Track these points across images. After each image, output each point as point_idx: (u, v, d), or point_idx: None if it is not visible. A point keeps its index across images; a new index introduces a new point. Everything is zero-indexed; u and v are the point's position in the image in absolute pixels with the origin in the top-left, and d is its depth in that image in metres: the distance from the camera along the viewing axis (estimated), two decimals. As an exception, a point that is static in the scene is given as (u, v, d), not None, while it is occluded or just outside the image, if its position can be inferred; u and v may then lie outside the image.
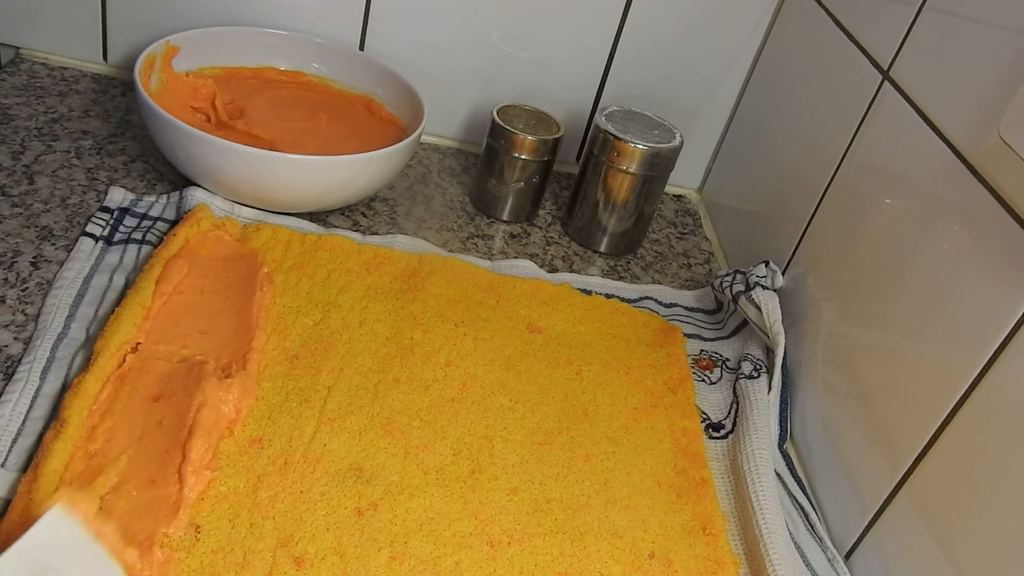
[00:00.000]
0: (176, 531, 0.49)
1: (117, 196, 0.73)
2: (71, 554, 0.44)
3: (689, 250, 0.91)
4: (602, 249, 0.86)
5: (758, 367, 0.70)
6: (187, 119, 0.72)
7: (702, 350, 0.74)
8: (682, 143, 0.81)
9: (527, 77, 0.92)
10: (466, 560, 0.52)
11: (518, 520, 0.56)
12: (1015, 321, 0.49)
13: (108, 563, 0.46)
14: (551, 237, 0.86)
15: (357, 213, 0.81)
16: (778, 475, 0.64)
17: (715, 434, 0.67)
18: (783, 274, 0.76)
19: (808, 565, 0.58)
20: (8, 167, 0.73)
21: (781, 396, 0.69)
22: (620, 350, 0.72)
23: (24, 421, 0.53)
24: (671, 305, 0.80)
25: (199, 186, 0.74)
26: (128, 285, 0.64)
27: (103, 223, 0.70)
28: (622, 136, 0.79)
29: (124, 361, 0.57)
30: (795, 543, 0.59)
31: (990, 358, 0.50)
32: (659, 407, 0.67)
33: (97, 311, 0.62)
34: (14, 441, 0.52)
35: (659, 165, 0.81)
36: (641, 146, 0.79)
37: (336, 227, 0.77)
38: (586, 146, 0.84)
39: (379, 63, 0.86)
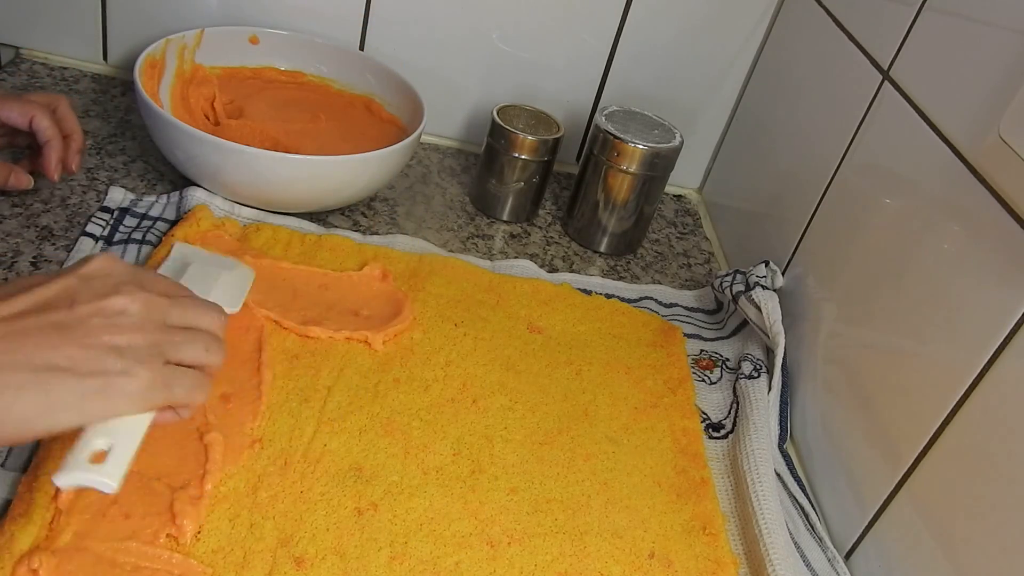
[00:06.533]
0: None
1: (117, 196, 0.73)
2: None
3: (689, 250, 0.91)
4: (602, 249, 0.86)
5: (758, 367, 0.70)
6: (187, 119, 0.72)
7: (702, 350, 0.74)
8: (682, 143, 0.81)
9: (527, 77, 0.92)
10: (466, 560, 0.52)
11: (518, 520, 0.56)
12: (1015, 321, 0.49)
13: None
14: (551, 237, 0.86)
15: (357, 213, 0.81)
16: (778, 475, 0.64)
17: (715, 434, 0.67)
18: (783, 274, 0.76)
19: (808, 565, 0.58)
20: (8, 167, 0.73)
21: (781, 396, 0.69)
22: (620, 350, 0.72)
23: (24, 421, 0.53)
24: (671, 305, 0.80)
25: (199, 186, 0.74)
26: (128, 285, 0.64)
27: (103, 223, 0.70)
28: (622, 136, 0.79)
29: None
30: (795, 543, 0.59)
31: (990, 358, 0.50)
32: (659, 407, 0.67)
33: (97, 311, 0.62)
34: (14, 441, 0.52)
35: (659, 165, 0.81)
36: (641, 146, 0.79)
37: (336, 227, 0.77)
38: (586, 146, 0.84)
39: (379, 63, 0.86)
